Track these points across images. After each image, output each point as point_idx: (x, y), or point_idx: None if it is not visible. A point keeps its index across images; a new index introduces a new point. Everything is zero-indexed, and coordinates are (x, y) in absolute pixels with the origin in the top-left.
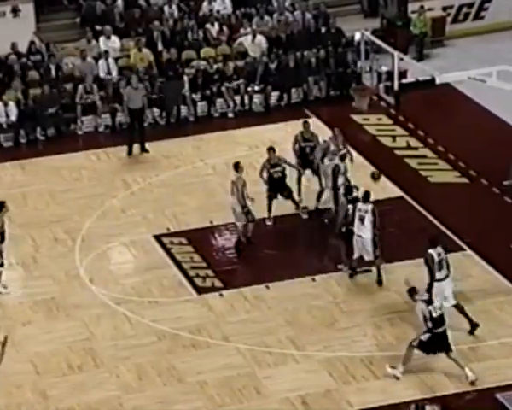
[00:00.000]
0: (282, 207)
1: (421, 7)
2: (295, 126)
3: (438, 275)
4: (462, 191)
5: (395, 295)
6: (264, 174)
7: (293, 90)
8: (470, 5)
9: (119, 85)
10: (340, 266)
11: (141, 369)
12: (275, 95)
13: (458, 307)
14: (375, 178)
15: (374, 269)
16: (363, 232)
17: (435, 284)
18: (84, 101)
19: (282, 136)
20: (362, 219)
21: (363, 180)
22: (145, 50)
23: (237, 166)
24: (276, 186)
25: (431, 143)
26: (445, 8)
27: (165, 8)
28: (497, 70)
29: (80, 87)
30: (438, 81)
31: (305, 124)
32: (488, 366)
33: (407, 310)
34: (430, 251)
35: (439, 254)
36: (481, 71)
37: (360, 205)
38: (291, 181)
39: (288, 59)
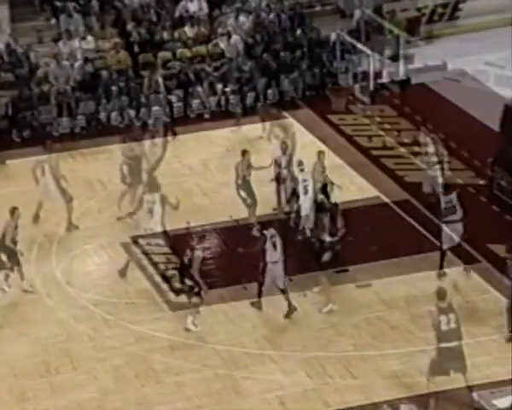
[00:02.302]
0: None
1: (393, 11)
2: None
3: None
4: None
5: (372, 294)
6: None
7: (269, 90)
8: (445, 6)
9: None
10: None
11: (119, 370)
12: (251, 95)
13: (284, 291)
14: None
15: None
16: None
17: (269, 266)
18: (57, 101)
19: (259, 136)
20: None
21: (340, 180)
22: (123, 52)
23: None
24: None
25: (407, 142)
26: (419, 9)
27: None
28: (472, 69)
29: (53, 89)
30: (413, 81)
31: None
32: None
33: (383, 309)
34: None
35: (272, 236)
36: (455, 69)
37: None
38: None
39: (264, 59)
